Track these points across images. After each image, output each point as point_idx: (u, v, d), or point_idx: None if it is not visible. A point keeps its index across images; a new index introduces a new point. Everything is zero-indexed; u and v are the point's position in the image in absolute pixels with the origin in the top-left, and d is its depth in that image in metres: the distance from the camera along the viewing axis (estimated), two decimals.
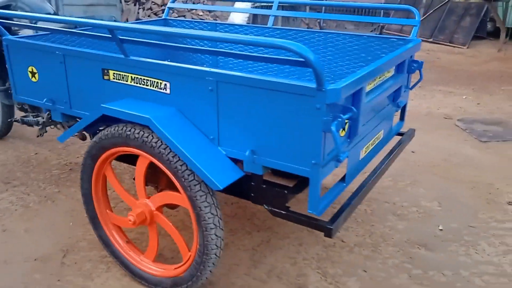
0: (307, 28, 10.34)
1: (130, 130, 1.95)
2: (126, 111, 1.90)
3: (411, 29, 2.62)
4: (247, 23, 10.51)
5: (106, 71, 2.12)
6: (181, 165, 1.85)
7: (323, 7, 10.06)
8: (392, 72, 2.25)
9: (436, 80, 6.45)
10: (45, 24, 2.84)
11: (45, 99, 2.41)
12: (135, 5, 10.08)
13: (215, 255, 1.97)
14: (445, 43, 8.84)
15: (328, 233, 1.78)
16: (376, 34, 2.74)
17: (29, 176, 3.43)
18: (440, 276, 2.40)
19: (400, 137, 2.69)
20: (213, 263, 2.00)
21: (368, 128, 2.09)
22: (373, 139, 2.22)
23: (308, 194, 1.74)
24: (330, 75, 2.86)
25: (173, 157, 1.85)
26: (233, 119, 1.81)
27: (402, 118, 2.78)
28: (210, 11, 10.27)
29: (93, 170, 2.20)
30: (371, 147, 2.23)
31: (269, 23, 3.12)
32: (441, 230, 2.80)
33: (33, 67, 2.43)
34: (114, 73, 2.10)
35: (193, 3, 10.29)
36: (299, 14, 3.19)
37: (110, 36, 1.96)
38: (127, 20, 9.98)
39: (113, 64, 2.08)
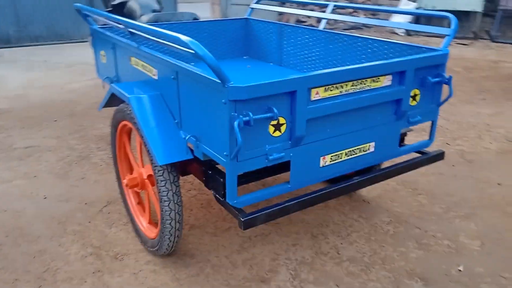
0: None
1: (126, 107, 2.35)
2: (121, 90, 2.29)
3: None
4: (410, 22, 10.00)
5: (130, 58, 2.55)
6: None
7: None
8: (384, 81, 2.10)
9: None
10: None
11: (105, 77, 3.00)
12: (297, 7, 10.57)
13: (170, 225, 2.22)
14: None
15: (240, 224, 1.85)
16: (408, 43, 2.55)
17: None
18: None
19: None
20: (169, 233, 2.25)
21: (333, 135, 2.02)
22: (348, 149, 2.12)
23: (226, 183, 1.84)
24: None
25: None
26: (186, 106, 2.03)
27: (430, 136, 2.51)
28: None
29: (116, 138, 2.67)
30: (346, 158, 2.14)
31: (321, 26, 3.13)
32: (459, 270, 2.45)
33: (103, 51, 3.04)
34: (134, 60, 2.51)
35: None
36: (346, 18, 3.10)
37: (131, 31, 2.34)
38: (287, 21, 10.56)
39: (132, 52, 2.49)
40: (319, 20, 10.92)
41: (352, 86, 1.99)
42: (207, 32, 3.70)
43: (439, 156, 2.51)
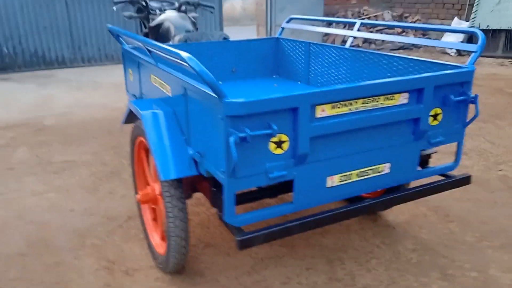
0: None
1: (141, 124, 2.37)
2: (135, 107, 2.33)
3: None
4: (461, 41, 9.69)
5: (150, 75, 2.60)
6: None
7: None
8: (400, 99, 1.99)
9: None
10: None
11: (131, 94, 3.08)
12: (344, 27, 10.51)
13: (175, 242, 2.19)
14: None
15: (236, 244, 1.79)
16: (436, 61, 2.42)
17: None
18: None
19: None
20: (175, 250, 2.22)
21: (342, 154, 1.93)
22: (360, 170, 2.02)
23: (223, 201, 1.80)
24: None
25: None
26: (193, 122, 2.02)
27: (456, 159, 2.34)
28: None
29: (134, 154, 2.71)
30: (357, 178, 2.03)
31: (347, 44, 3.06)
32: None
33: (130, 69, 3.12)
34: (153, 77, 2.56)
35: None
36: (378, 36, 3.01)
37: (148, 48, 2.38)
38: (333, 42, 10.51)
39: (152, 70, 2.54)
40: (365, 40, 10.81)
41: (363, 103, 1.91)
42: (237, 51, 3.73)
43: (465, 180, 2.33)
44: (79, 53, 8.78)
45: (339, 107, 1.85)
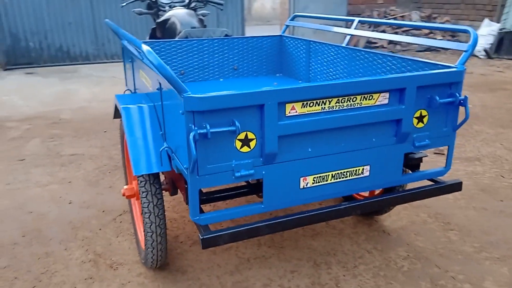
0: None
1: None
2: (117, 101, 2.34)
3: None
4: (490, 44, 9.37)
5: (140, 71, 2.60)
6: None
7: None
8: (379, 99, 1.91)
9: None
10: None
11: (127, 89, 3.09)
12: (369, 28, 10.29)
13: (151, 238, 2.18)
14: None
15: (200, 242, 1.76)
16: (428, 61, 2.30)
17: None
18: None
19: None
20: (152, 246, 2.21)
21: (315, 155, 1.87)
22: (336, 171, 1.94)
23: (188, 199, 1.77)
24: None
25: None
26: (166, 117, 2.00)
27: (446, 164, 2.23)
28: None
29: (124, 148, 2.73)
30: (333, 180, 1.96)
31: (344, 42, 2.97)
32: None
33: (128, 64, 3.14)
34: (141, 73, 2.56)
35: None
36: (376, 35, 2.91)
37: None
38: (356, 44, 10.30)
39: (140, 67, 2.53)
40: (390, 41, 10.54)
41: (337, 103, 1.84)
42: (240, 48, 3.70)
43: (455, 186, 2.21)
44: (102, 50, 8.97)
45: (310, 106, 1.79)
